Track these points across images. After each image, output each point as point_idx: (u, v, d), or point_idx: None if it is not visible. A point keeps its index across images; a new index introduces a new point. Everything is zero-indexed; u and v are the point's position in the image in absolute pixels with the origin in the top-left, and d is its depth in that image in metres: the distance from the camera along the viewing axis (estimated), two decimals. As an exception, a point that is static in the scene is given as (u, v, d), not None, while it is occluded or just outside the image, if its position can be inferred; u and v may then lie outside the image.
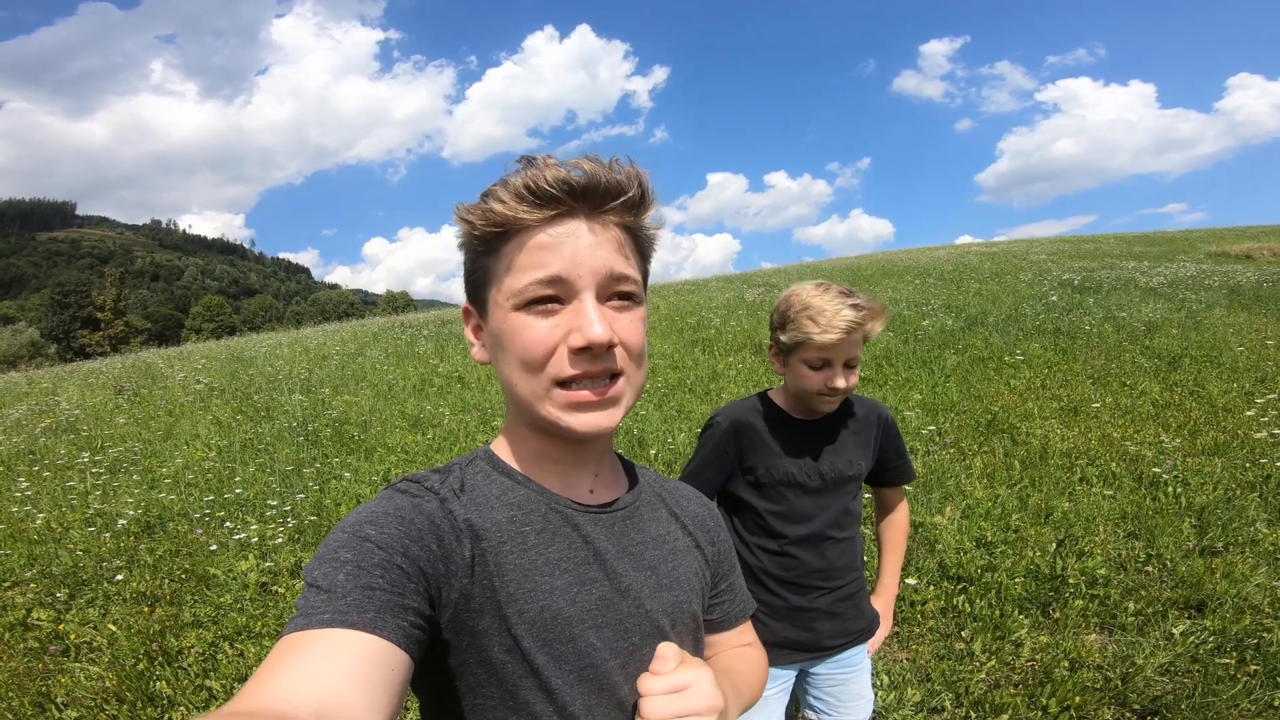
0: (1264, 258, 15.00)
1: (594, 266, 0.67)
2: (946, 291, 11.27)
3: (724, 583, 0.90)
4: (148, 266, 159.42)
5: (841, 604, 1.54)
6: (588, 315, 0.66)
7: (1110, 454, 4.61)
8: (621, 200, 0.69)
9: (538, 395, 0.69)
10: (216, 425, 6.88)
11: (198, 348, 14.54)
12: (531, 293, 0.67)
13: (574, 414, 0.69)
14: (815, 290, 1.41)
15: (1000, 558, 3.35)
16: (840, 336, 1.35)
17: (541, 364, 0.68)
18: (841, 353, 1.39)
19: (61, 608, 3.42)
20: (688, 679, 0.63)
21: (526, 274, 0.67)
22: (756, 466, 1.48)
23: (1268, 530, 3.45)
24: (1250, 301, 9.61)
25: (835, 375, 1.40)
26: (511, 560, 0.69)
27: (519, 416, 0.76)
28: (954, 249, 20.11)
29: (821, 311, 1.36)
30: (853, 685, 1.59)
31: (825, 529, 1.50)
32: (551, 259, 0.67)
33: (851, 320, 1.35)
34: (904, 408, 5.81)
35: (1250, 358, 6.73)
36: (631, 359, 0.71)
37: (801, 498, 1.48)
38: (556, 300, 0.68)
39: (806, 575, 1.50)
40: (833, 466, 1.50)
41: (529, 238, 0.67)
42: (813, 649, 1.54)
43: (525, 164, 0.69)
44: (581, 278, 0.67)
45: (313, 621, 0.54)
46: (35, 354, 38.51)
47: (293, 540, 4.04)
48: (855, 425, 1.56)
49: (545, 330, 0.67)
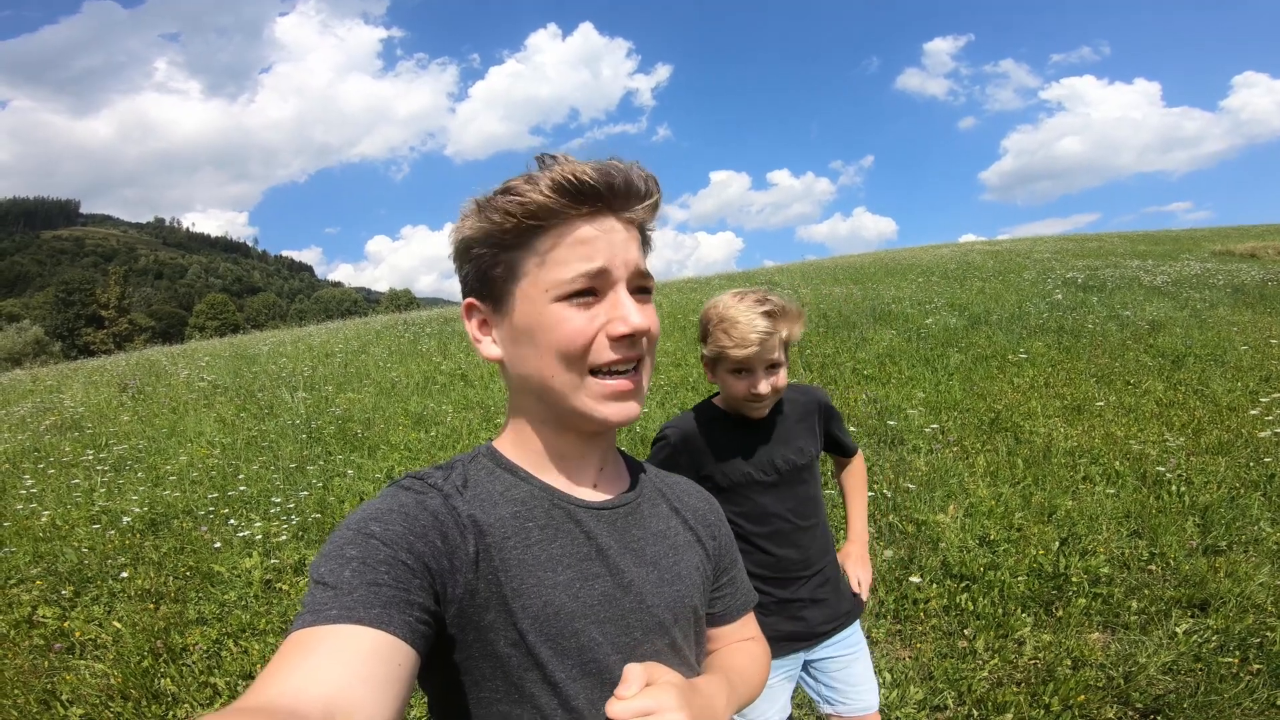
0: (1269, 256, 14.94)
1: (626, 260, 0.72)
2: (950, 290, 11.25)
3: (725, 576, 0.91)
4: (151, 265, 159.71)
5: (823, 589, 1.59)
6: (627, 305, 0.71)
7: (1114, 453, 4.60)
8: (648, 202, 0.74)
9: (573, 386, 0.72)
10: (220, 423, 6.91)
11: (202, 345, 14.59)
12: (576, 285, 0.70)
13: (609, 403, 0.73)
14: (732, 300, 1.45)
15: (1003, 556, 3.35)
16: (754, 349, 1.39)
17: (582, 354, 0.71)
18: (759, 360, 1.43)
19: (66, 605, 3.44)
20: (650, 705, 0.61)
21: (570, 266, 0.70)
22: (714, 473, 1.51)
23: (1271, 529, 3.44)
24: (1255, 300, 9.58)
25: (757, 381, 1.44)
26: (515, 556, 0.70)
27: (536, 412, 0.77)
28: (957, 247, 20.07)
29: (735, 324, 1.41)
30: (856, 668, 1.63)
31: (791, 519, 1.53)
32: (595, 252, 0.70)
33: (763, 330, 1.39)
34: (907, 405, 5.80)
35: (1255, 357, 6.71)
36: (651, 347, 0.76)
37: (762, 494, 1.52)
38: (593, 293, 0.71)
39: (785, 568, 1.53)
40: (784, 458, 1.53)
41: (570, 231, 0.71)
42: (807, 637, 1.58)
43: (548, 161, 0.71)
44: (617, 270, 0.71)
45: (320, 618, 0.55)
46: (39, 352, 38.67)
47: (297, 537, 4.05)
48: (798, 413, 1.60)
49: (585, 321, 0.71)
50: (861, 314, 9.43)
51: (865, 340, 8.14)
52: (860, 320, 9.10)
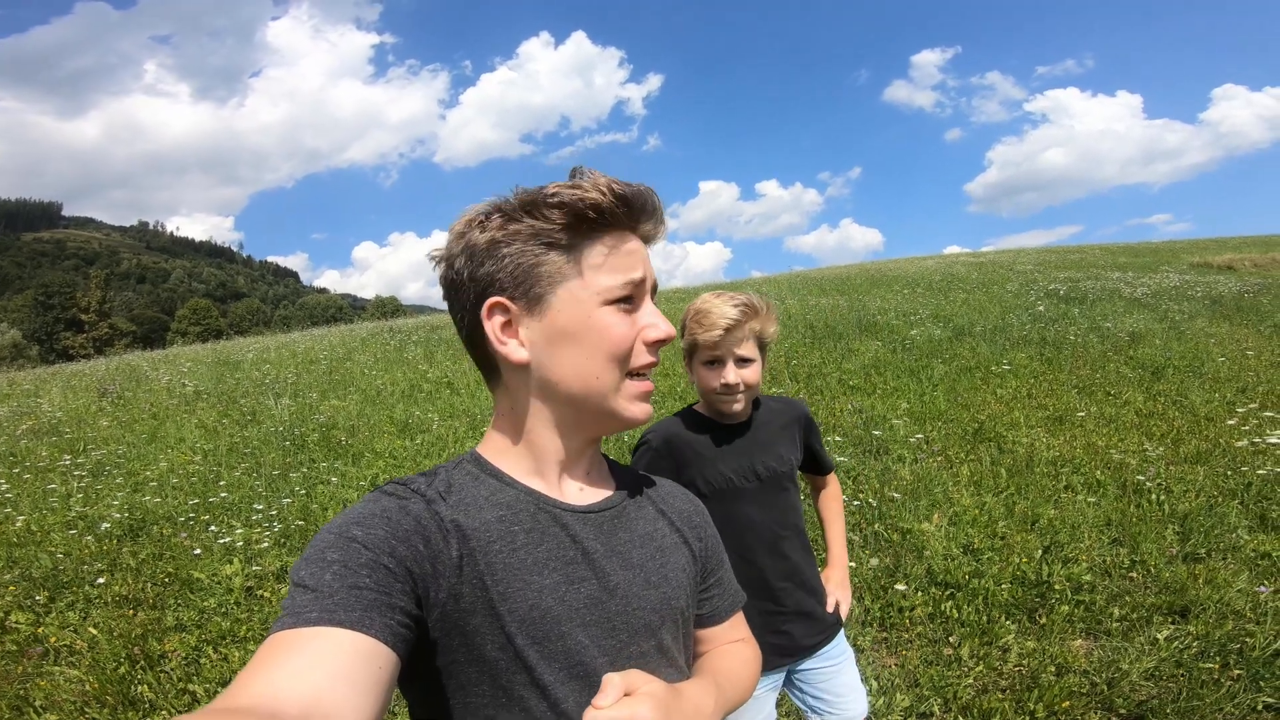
0: (1245, 268, 15.28)
1: (653, 276, 0.80)
2: (934, 301, 11.38)
3: (713, 577, 0.92)
4: (134, 269, 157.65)
5: (808, 600, 1.58)
6: (658, 313, 0.78)
7: (1095, 462, 4.66)
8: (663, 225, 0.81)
9: (613, 387, 0.75)
10: (202, 429, 6.81)
11: (184, 351, 14.40)
12: (622, 291, 0.75)
13: (638, 404, 0.78)
14: (709, 296, 1.51)
15: (987, 564, 3.38)
16: (720, 334, 1.44)
17: (626, 356, 0.75)
18: (727, 349, 1.46)
19: (41, 611, 3.36)
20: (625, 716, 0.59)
21: (621, 274, 0.75)
22: (695, 479, 1.51)
23: (1249, 537, 3.50)
24: (1232, 312, 9.77)
25: (725, 371, 1.47)
26: (501, 559, 0.70)
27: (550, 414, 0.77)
28: (942, 259, 20.33)
29: (707, 314, 1.47)
30: (842, 677, 1.62)
31: (775, 528, 1.54)
32: (639, 264, 0.76)
33: (732, 318, 1.44)
34: (892, 416, 5.84)
35: (1231, 368, 6.84)
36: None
37: (744, 502, 1.52)
38: (630, 300, 0.76)
39: (770, 579, 1.52)
40: (766, 465, 1.54)
41: (622, 240, 0.75)
42: (793, 652, 1.57)
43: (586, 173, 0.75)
44: (648, 282, 0.78)
45: (300, 620, 0.55)
46: (17, 355, 38.00)
47: (278, 544, 4.00)
48: (780, 422, 1.62)
49: (629, 327, 0.75)
50: (847, 325, 9.51)
51: (851, 351, 8.20)
52: (846, 331, 9.17)
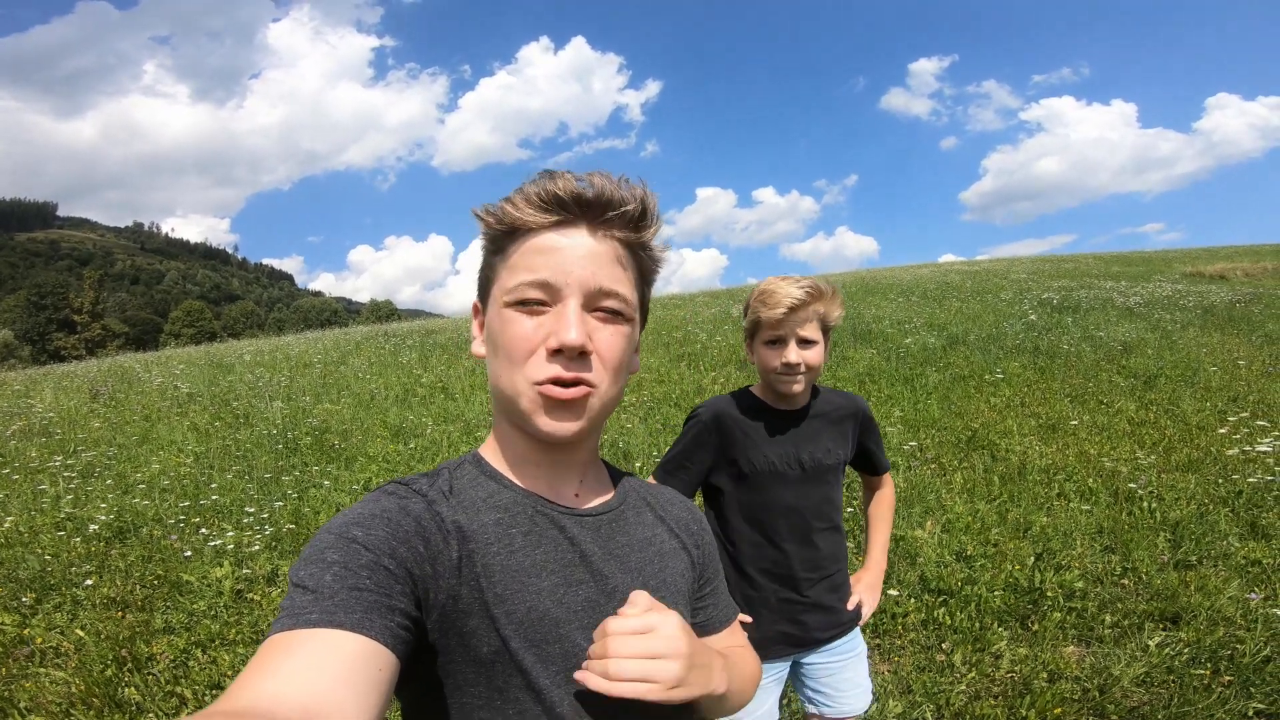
0: (1237, 278, 15.40)
1: (582, 276, 0.70)
2: (929, 309, 11.42)
3: (708, 586, 0.91)
4: (128, 270, 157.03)
5: (830, 595, 1.56)
6: (566, 319, 0.69)
7: (1087, 470, 4.67)
8: (619, 213, 0.72)
9: (520, 392, 0.71)
10: (194, 431, 6.77)
11: (176, 353, 14.32)
12: (520, 293, 0.71)
13: (542, 414, 0.71)
14: (774, 278, 1.50)
15: (980, 571, 3.38)
16: (784, 312, 1.43)
17: (523, 359, 0.70)
18: (790, 328, 1.45)
19: (27, 612, 3.32)
20: (654, 622, 0.64)
21: (520, 274, 0.71)
22: (738, 458, 1.51)
23: (1240, 544, 3.51)
24: (1224, 322, 9.83)
25: (787, 351, 1.45)
26: (499, 562, 0.69)
27: (504, 416, 0.78)
28: (937, 267, 20.40)
29: (772, 293, 1.45)
30: (847, 673, 1.61)
31: (809, 519, 1.52)
32: (544, 263, 0.70)
33: (796, 298, 1.42)
34: (886, 423, 5.86)
35: (1223, 377, 6.88)
36: (606, 372, 0.72)
37: (783, 488, 1.50)
38: (543, 304, 0.71)
39: (795, 567, 1.51)
40: (812, 456, 1.52)
41: (531, 240, 0.71)
42: (803, 642, 1.55)
43: (544, 176, 0.72)
44: (568, 285, 0.70)
45: (299, 621, 0.54)
46: (8, 356, 37.75)
47: (269, 548, 3.97)
48: (834, 416, 1.59)
49: (530, 328, 0.70)
50: (842, 333, 9.52)
51: (846, 359, 8.22)
52: (841, 339, 9.19)
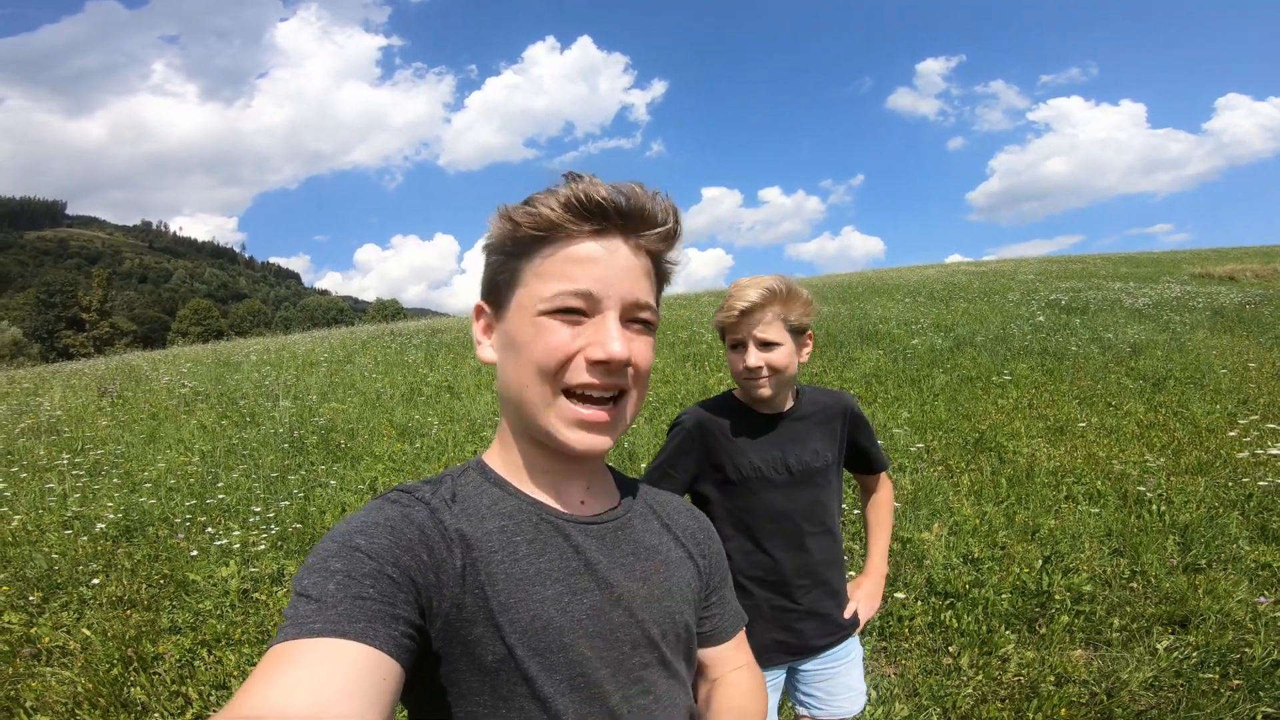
0: (1246, 279, 15.27)
1: (621, 289, 0.70)
2: (936, 310, 11.38)
3: (715, 595, 0.90)
4: (136, 268, 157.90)
5: (825, 601, 1.53)
6: (610, 331, 0.69)
7: (1096, 473, 4.64)
8: (659, 230, 0.73)
9: (544, 402, 0.70)
10: (201, 430, 6.80)
11: (184, 351, 14.40)
12: (560, 302, 0.70)
13: (576, 430, 0.71)
14: (742, 279, 1.47)
15: (987, 574, 3.36)
16: (737, 315, 1.41)
17: (557, 369, 0.70)
18: (747, 331, 1.43)
19: (34, 611, 3.34)
20: None
21: (558, 283, 0.70)
22: (724, 464, 1.47)
23: (1249, 547, 3.49)
24: (1233, 324, 9.76)
25: (747, 354, 1.43)
26: (503, 570, 0.69)
27: (515, 424, 0.77)
28: (944, 268, 20.33)
29: (730, 296, 1.44)
30: (842, 678, 1.58)
31: (800, 523, 1.49)
32: (584, 273, 0.69)
33: (750, 300, 1.40)
34: (893, 425, 5.83)
35: (1233, 379, 6.83)
36: (639, 381, 0.74)
37: (771, 492, 1.47)
38: (581, 313, 0.70)
39: (786, 574, 1.48)
40: (799, 459, 1.49)
41: (568, 247, 0.70)
42: (799, 650, 1.53)
43: (572, 179, 0.71)
44: (609, 297, 0.70)
45: (303, 631, 0.54)
46: (17, 353, 38.04)
47: (276, 547, 3.98)
48: (821, 416, 1.55)
49: (567, 337, 0.70)
50: (849, 333, 9.50)
51: (852, 360, 8.19)
52: (847, 340, 9.17)
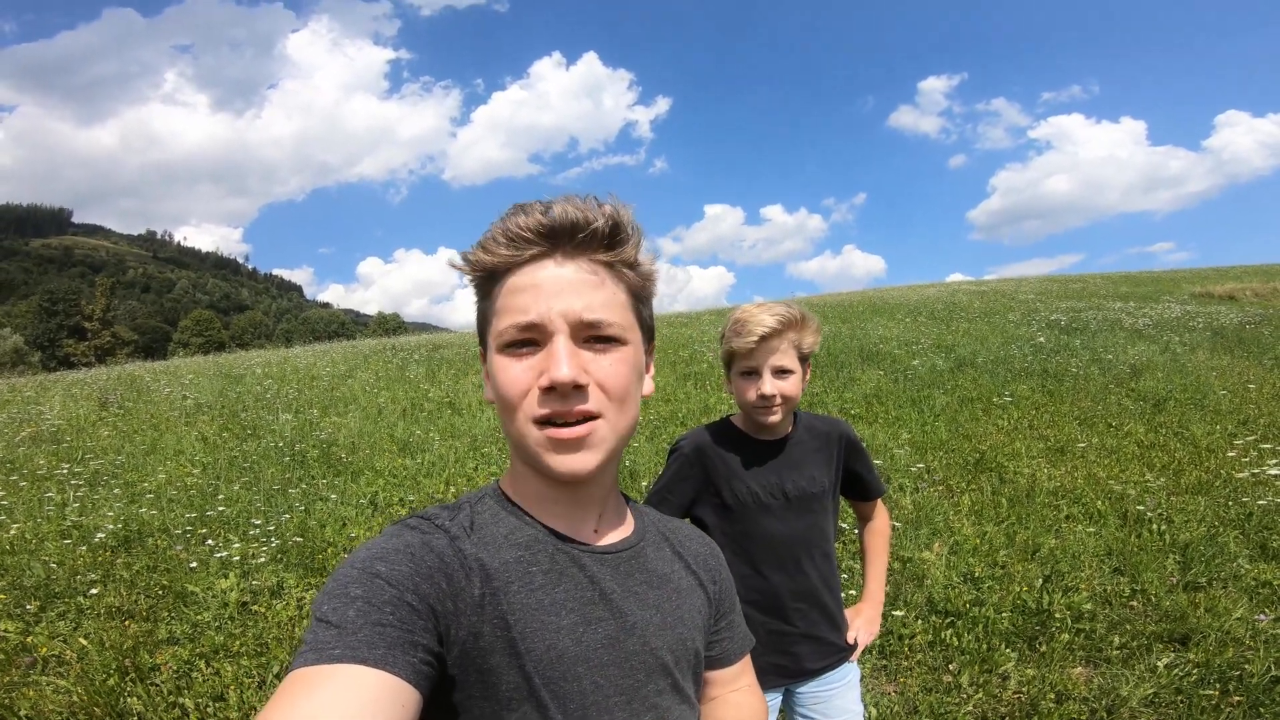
0: (1246, 298, 15.31)
1: (564, 309, 0.68)
2: (936, 330, 11.40)
3: (724, 620, 0.91)
4: (140, 278, 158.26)
5: (822, 625, 1.53)
6: (556, 356, 0.67)
7: (1096, 493, 4.64)
8: (588, 234, 0.70)
9: (525, 434, 0.70)
10: (202, 442, 6.80)
11: (185, 362, 14.43)
12: (509, 336, 0.70)
13: (552, 454, 0.70)
14: (749, 306, 1.47)
15: (987, 593, 3.35)
16: (756, 341, 1.40)
17: (517, 403, 0.70)
18: (763, 359, 1.42)
19: (31, 620, 3.33)
20: None
21: (506, 317, 0.70)
22: (722, 489, 1.48)
23: (1249, 566, 3.49)
24: (1233, 344, 9.78)
25: (762, 382, 1.42)
26: (519, 599, 0.69)
27: (516, 454, 0.77)
28: (944, 287, 20.38)
29: (745, 322, 1.42)
30: (839, 700, 1.57)
31: (797, 549, 1.49)
32: (527, 304, 0.69)
33: (769, 326, 1.40)
34: (893, 445, 5.83)
35: (1233, 400, 6.84)
36: (611, 401, 0.71)
37: (768, 518, 1.47)
38: (533, 343, 0.70)
39: (783, 598, 1.48)
40: (795, 484, 1.49)
41: (509, 281, 0.71)
42: (796, 674, 1.53)
43: (512, 211, 0.71)
44: (553, 321, 0.68)
45: (323, 657, 0.55)
46: (18, 361, 38.03)
47: (275, 560, 3.97)
48: (816, 443, 1.56)
49: (519, 371, 0.70)
50: (849, 353, 9.51)
51: (853, 380, 8.20)
52: (848, 360, 9.17)
